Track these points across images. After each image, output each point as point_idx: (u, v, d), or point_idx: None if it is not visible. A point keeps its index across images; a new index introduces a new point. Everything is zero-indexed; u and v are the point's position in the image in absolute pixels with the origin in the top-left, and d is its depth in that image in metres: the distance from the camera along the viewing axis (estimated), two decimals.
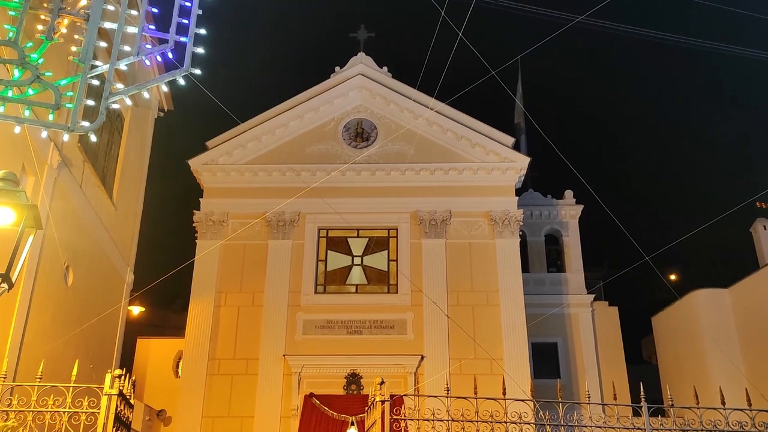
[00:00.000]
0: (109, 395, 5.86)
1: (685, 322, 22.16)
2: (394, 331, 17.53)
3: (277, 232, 18.44)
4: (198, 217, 18.59)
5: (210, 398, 16.78)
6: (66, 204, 12.22)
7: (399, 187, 18.89)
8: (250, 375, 17.02)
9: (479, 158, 19.11)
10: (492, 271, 18.03)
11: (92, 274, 13.78)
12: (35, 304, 10.87)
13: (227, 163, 19.12)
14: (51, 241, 11.30)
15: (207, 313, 17.59)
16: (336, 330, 17.57)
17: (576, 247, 23.07)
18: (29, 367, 9.58)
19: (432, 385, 15.42)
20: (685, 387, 7.52)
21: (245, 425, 16.53)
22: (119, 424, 6.11)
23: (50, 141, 11.32)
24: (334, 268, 18.63)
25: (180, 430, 16.60)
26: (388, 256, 18.62)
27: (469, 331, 16.89)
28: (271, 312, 17.61)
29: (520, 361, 16.63)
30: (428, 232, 18.41)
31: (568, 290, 22.35)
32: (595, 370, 21.06)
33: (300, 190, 17.19)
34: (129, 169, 16.09)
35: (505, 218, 18.39)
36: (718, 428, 6.51)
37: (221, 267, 18.15)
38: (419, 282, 17.69)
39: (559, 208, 23.58)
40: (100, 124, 4.55)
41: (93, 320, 12.74)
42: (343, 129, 19.70)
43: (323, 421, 16.11)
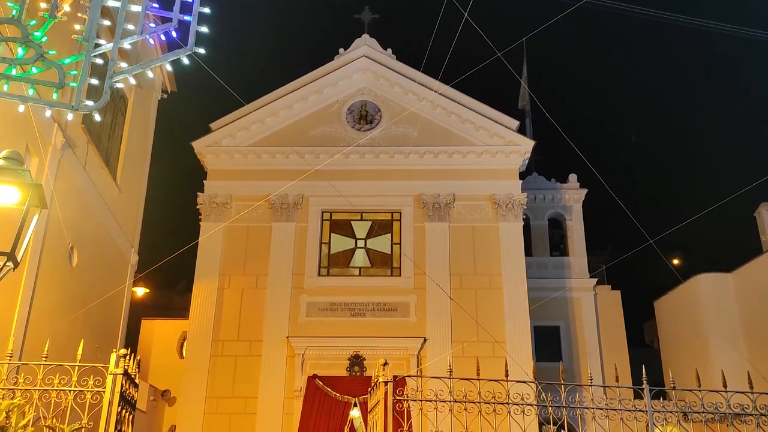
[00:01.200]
0: (114, 374, 5.90)
1: (688, 306, 22.18)
2: (397, 314, 17.59)
3: (281, 215, 18.46)
4: (202, 199, 18.61)
5: (214, 379, 16.91)
6: (70, 185, 12.23)
7: (402, 170, 18.86)
8: (253, 356, 17.13)
9: (483, 141, 19.05)
10: (495, 255, 18.05)
11: (97, 255, 13.83)
12: (40, 284, 10.92)
13: (231, 146, 19.11)
14: (56, 221, 11.33)
15: (211, 295, 17.67)
16: (339, 312, 17.64)
17: (579, 231, 23.06)
18: (35, 347, 9.65)
19: (434, 366, 15.49)
20: (686, 371, 7.55)
21: (249, 405, 16.67)
22: (124, 403, 6.16)
23: (54, 122, 11.31)
24: (337, 250, 18.66)
25: (184, 410, 16.75)
26: (392, 239, 18.63)
27: (472, 314, 16.94)
28: (274, 294, 17.68)
29: (522, 344, 16.70)
30: (431, 215, 18.41)
31: (571, 274, 22.37)
32: (597, 354, 21.14)
33: (303, 173, 17.19)
34: (132, 151, 16.08)
35: (508, 202, 18.36)
36: (720, 410, 6.53)
37: (225, 249, 18.20)
38: (422, 265, 17.72)
39: (562, 192, 23.53)
40: (105, 103, 4.54)
41: (98, 301, 12.80)
42: (347, 111, 19.64)
43: (326, 402, 16.23)
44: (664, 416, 6.67)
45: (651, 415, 6.56)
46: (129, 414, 6.39)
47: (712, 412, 6.56)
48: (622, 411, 6.57)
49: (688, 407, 6.60)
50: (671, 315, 23.34)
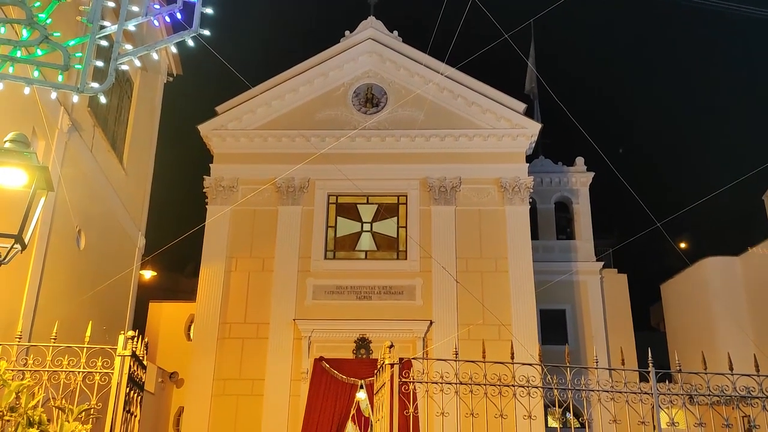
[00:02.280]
0: (123, 356, 5.94)
1: (695, 290, 22.16)
2: (403, 297, 17.64)
3: (287, 198, 18.47)
4: (208, 182, 18.64)
5: (221, 361, 17.04)
6: (77, 168, 12.26)
7: (409, 154, 18.81)
8: (260, 339, 17.24)
9: (490, 124, 18.96)
10: (501, 238, 18.03)
11: (104, 238, 13.89)
12: (48, 267, 10.99)
13: (237, 129, 19.09)
14: (63, 204, 11.38)
15: (218, 278, 17.76)
16: (345, 295, 17.70)
17: (586, 214, 23.00)
18: (43, 329, 9.73)
19: (440, 349, 15.54)
20: (692, 354, 7.54)
21: (256, 387, 16.80)
22: (133, 385, 6.21)
23: (60, 105, 11.31)
24: (343, 234, 18.68)
25: (192, 391, 16.90)
26: (398, 222, 18.63)
27: (478, 297, 16.97)
28: (281, 277, 17.75)
29: (528, 327, 16.73)
30: (438, 199, 18.38)
31: (578, 258, 22.34)
32: (603, 337, 21.17)
33: (309, 156, 17.16)
34: (139, 134, 16.09)
35: (515, 185, 18.31)
36: (726, 393, 6.54)
37: (232, 232, 18.26)
38: (428, 248, 17.73)
39: (569, 175, 23.44)
40: (110, 85, 4.53)
41: (105, 284, 12.88)
42: (353, 94, 19.56)
43: (333, 384, 16.34)
44: (669, 399, 6.68)
45: (656, 397, 6.57)
46: (137, 395, 6.45)
47: (718, 395, 6.57)
48: (627, 393, 6.58)
49: (694, 390, 6.61)
50: (678, 298, 23.32)
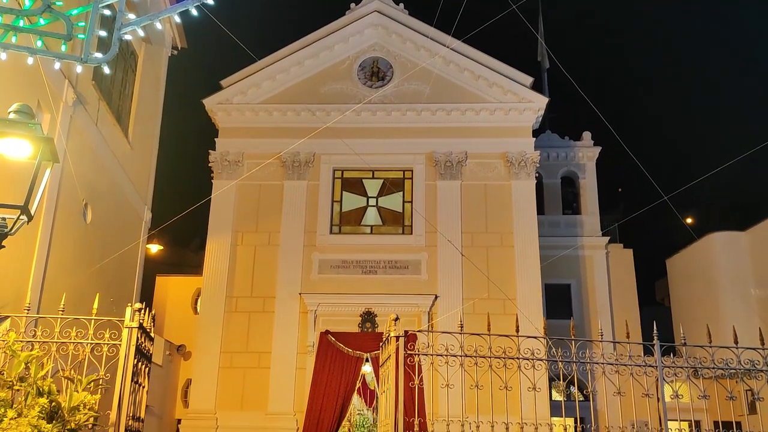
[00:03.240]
0: (130, 328, 5.98)
1: (700, 265, 22.14)
2: (409, 271, 17.69)
3: (293, 173, 18.45)
4: (213, 157, 18.62)
5: (228, 334, 17.18)
6: (82, 141, 12.24)
7: (414, 128, 18.72)
8: (267, 312, 17.35)
9: (496, 98, 18.82)
10: (507, 213, 18.00)
11: (110, 212, 13.92)
12: (56, 240, 11.05)
13: (242, 103, 19.01)
14: (69, 178, 11.39)
15: (224, 252, 17.83)
16: (351, 270, 17.75)
17: (592, 189, 22.92)
18: (51, 301, 9.80)
19: (445, 322, 15.63)
20: (697, 329, 7.56)
21: (262, 360, 16.97)
22: (140, 356, 6.26)
23: (64, 78, 11.27)
24: (349, 209, 18.69)
25: (199, 364, 17.07)
26: (403, 197, 18.61)
27: (483, 272, 16.98)
28: (287, 251, 17.81)
29: (533, 301, 16.77)
30: (443, 173, 18.32)
31: (583, 232, 22.31)
32: (608, 312, 21.21)
33: (315, 131, 17.08)
34: (144, 108, 16.03)
35: (521, 160, 18.22)
36: (730, 366, 6.56)
37: (237, 207, 18.29)
38: (434, 223, 17.72)
39: (576, 149, 23.31)
40: (113, 56, 4.48)
41: (112, 257, 12.94)
42: (359, 68, 19.41)
43: (338, 358, 16.48)
44: (674, 372, 6.69)
45: (661, 370, 6.60)
46: (145, 366, 6.51)
47: (723, 368, 6.58)
48: (632, 366, 6.60)
49: (699, 363, 6.62)
50: (683, 273, 23.31)
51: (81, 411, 5.15)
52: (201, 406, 16.67)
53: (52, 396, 5.01)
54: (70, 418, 5.04)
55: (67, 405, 5.10)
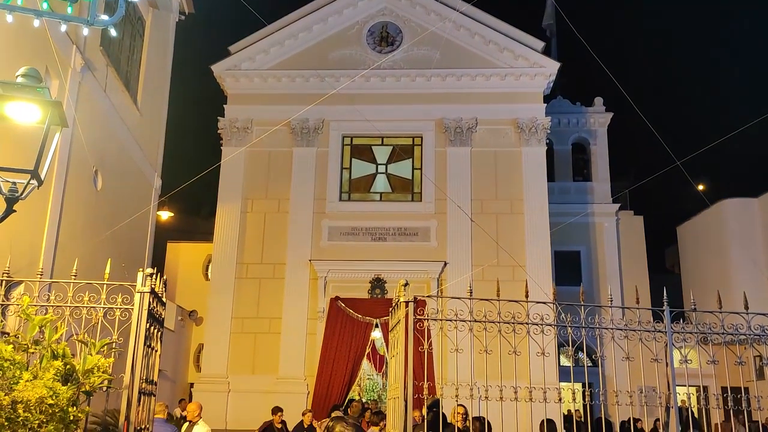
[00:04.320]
0: (142, 293, 6.03)
1: (712, 232, 22.04)
2: (418, 238, 17.71)
3: (302, 140, 18.39)
4: (222, 123, 18.58)
5: (239, 300, 17.34)
6: (91, 108, 12.23)
7: (424, 94, 18.55)
8: (277, 279, 17.48)
9: (507, 63, 18.59)
10: (517, 180, 17.92)
11: (120, 178, 13.97)
12: (67, 206, 11.12)
13: (250, 69, 18.88)
14: (79, 144, 11.40)
15: (234, 219, 17.90)
16: (360, 237, 17.80)
17: (603, 155, 22.75)
18: (64, 267, 9.90)
19: (454, 288, 15.68)
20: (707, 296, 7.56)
21: (273, 325, 17.15)
22: (153, 320, 6.31)
23: (72, 43, 11.21)
24: (358, 176, 18.66)
25: (211, 330, 17.28)
26: (413, 164, 18.54)
27: (493, 239, 16.97)
28: (296, 218, 17.86)
29: (542, 268, 16.78)
30: (453, 140, 18.21)
31: (594, 199, 22.21)
32: (618, 279, 21.23)
33: (323, 96, 16.95)
34: (152, 74, 15.95)
35: (532, 126, 18.06)
36: (740, 332, 6.55)
37: (247, 174, 18.29)
38: (443, 190, 17.67)
39: (587, 115, 23.07)
40: (120, 18, 4.44)
41: (123, 223, 13.02)
42: (368, 33, 19.17)
43: (348, 323, 16.63)
44: (683, 337, 6.70)
45: (670, 336, 6.60)
46: (157, 331, 6.57)
47: (733, 333, 6.58)
48: (641, 332, 6.61)
49: (708, 329, 6.62)
50: (694, 240, 23.22)
51: (95, 374, 5.21)
52: (213, 371, 16.93)
53: (66, 359, 5.08)
54: (84, 380, 5.12)
55: (81, 368, 5.17)
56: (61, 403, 4.60)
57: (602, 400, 6.56)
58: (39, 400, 4.44)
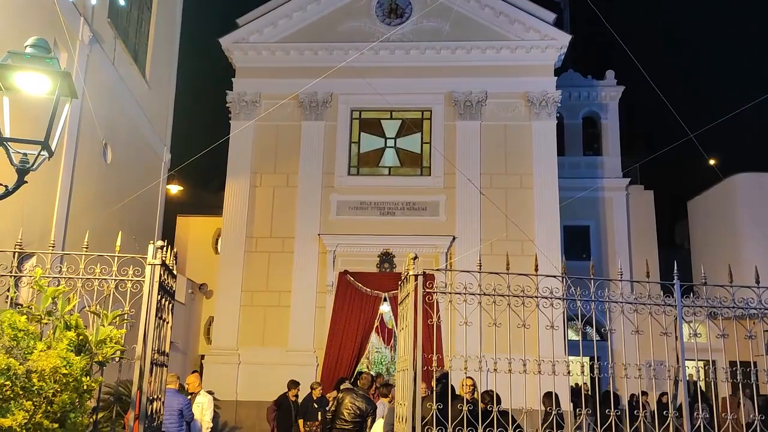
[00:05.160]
0: (153, 265, 6.06)
1: (723, 206, 21.91)
2: (427, 213, 17.69)
3: (310, 113, 18.31)
4: (231, 97, 18.50)
5: (248, 274, 17.44)
6: (100, 80, 12.20)
7: (434, 67, 18.37)
8: (286, 253, 17.54)
9: (518, 36, 18.36)
10: (527, 154, 17.81)
11: (130, 152, 13.99)
12: (77, 179, 11.16)
13: (258, 42, 18.74)
14: (88, 117, 11.41)
15: (243, 193, 17.92)
16: (369, 211, 17.79)
17: (614, 129, 22.57)
18: (75, 240, 9.97)
19: (463, 262, 15.67)
20: (717, 271, 7.53)
21: (283, 299, 17.26)
22: (163, 293, 6.35)
23: (80, 15, 11.15)
24: (367, 150, 18.59)
25: (221, 303, 17.42)
26: (422, 138, 18.45)
27: (502, 213, 16.93)
28: (305, 193, 17.85)
29: (551, 242, 16.73)
30: (463, 113, 18.08)
31: (604, 174, 22.09)
32: (627, 254, 21.18)
33: (332, 69, 16.82)
34: (160, 47, 15.87)
35: (542, 99, 17.89)
36: (750, 306, 6.54)
37: (256, 148, 18.26)
38: (453, 164, 17.58)
39: (599, 89, 22.84)
40: None
41: (133, 196, 13.07)
42: (377, 4, 18.94)
43: (357, 297, 16.71)
44: (693, 311, 6.69)
45: (680, 309, 6.59)
46: (168, 303, 6.62)
47: (743, 307, 6.56)
48: (651, 306, 6.60)
49: (719, 303, 6.61)
50: (705, 215, 23.10)
51: (108, 344, 5.27)
52: (223, 343, 17.10)
53: (79, 330, 5.13)
54: (97, 350, 5.17)
55: (94, 339, 5.22)
56: (75, 372, 4.65)
57: (611, 373, 6.58)
58: (53, 369, 4.49)
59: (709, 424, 6.26)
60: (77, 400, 4.69)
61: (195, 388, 9.53)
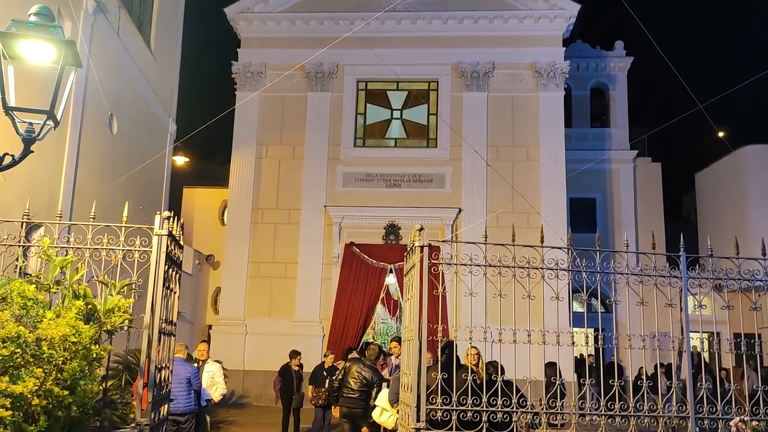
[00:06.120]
0: (160, 235, 6.06)
1: (731, 179, 21.79)
2: (433, 185, 17.66)
3: (316, 85, 18.20)
4: (236, 68, 18.39)
5: (255, 245, 17.52)
6: (104, 51, 12.12)
7: (440, 37, 18.18)
8: (292, 224, 17.59)
9: (526, 5, 18.11)
10: (534, 126, 17.70)
11: (136, 123, 13.96)
12: (84, 150, 11.16)
13: (263, 12, 18.55)
14: (93, 88, 11.36)
15: (249, 165, 17.91)
16: (375, 183, 17.77)
17: (623, 101, 22.35)
18: (82, 211, 10.01)
19: (469, 234, 15.70)
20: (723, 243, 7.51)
21: (289, 270, 17.35)
22: (171, 263, 6.37)
23: None
24: (373, 121, 18.51)
25: (228, 274, 17.53)
26: (428, 109, 18.33)
27: (508, 185, 16.89)
28: (311, 164, 17.83)
29: (557, 215, 16.72)
30: (470, 84, 17.93)
31: (612, 146, 21.93)
32: (633, 227, 21.11)
33: (338, 39, 16.64)
34: (165, 17, 15.73)
35: (550, 70, 17.71)
36: (757, 278, 6.53)
37: (261, 119, 18.21)
38: (459, 136, 17.49)
39: (607, 60, 22.57)
40: None
41: (140, 166, 13.07)
42: None
43: (363, 269, 16.78)
44: (698, 283, 6.68)
45: (685, 281, 6.58)
46: (176, 273, 6.65)
47: (749, 279, 6.56)
48: (656, 277, 6.60)
49: (725, 274, 6.60)
50: (712, 187, 22.99)
51: (116, 314, 5.31)
52: (231, 314, 17.26)
53: (87, 299, 5.17)
54: (106, 319, 5.22)
55: (102, 308, 5.27)
56: (84, 341, 4.70)
57: (615, 344, 6.61)
58: (62, 338, 4.54)
59: (713, 395, 6.31)
60: (87, 368, 4.75)
61: (204, 356, 9.67)
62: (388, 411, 7.91)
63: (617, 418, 6.14)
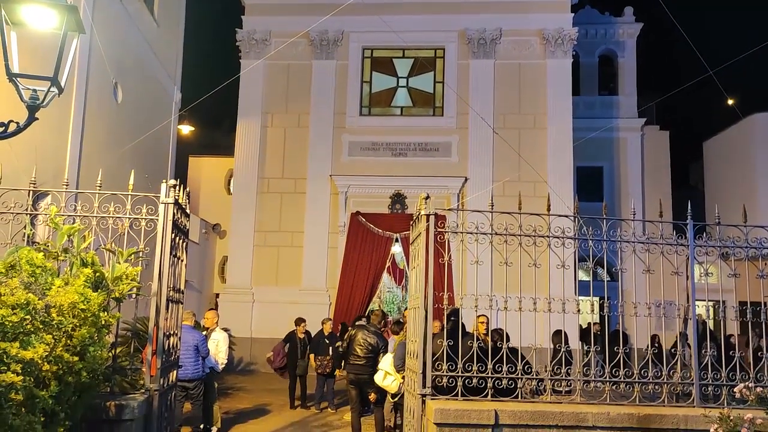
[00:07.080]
0: (166, 203, 6.07)
1: (739, 147, 21.61)
2: (439, 154, 17.58)
3: (321, 52, 18.02)
4: (240, 35, 18.22)
5: (261, 214, 17.56)
6: (108, 18, 12.01)
7: (447, 3, 17.93)
8: (298, 193, 17.59)
9: None
10: (541, 94, 17.53)
11: (141, 92, 13.89)
12: (89, 118, 11.13)
13: None
14: (97, 56, 11.28)
15: (254, 133, 17.85)
16: (381, 152, 17.71)
17: (631, 68, 22.06)
18: (88, 179, 10.02)
19: (474, 202, 15.67)
20: (731, 212, 7.46)
21: (295, 239, 17.41)
22: (177, 231, 6.39)
23: None
24: (379, 89, 18.36)
25: (235, 243, 17.60)
26: (434, 77, 18.15)
27: (515, 154, 16.79)
28: (317, 133, 17.75)
29: (564, 183, 16.64)
30: (477, 52, 17.72)
31: (620, 114, 21.71)
32: (640, 196, 21.00)
33: (343, 5, 16.39)
34: None
35: (558, 37, 17.47)
36: (764, 245, 6.50)
37: (266, 88, 18.08)
38: (466, 103, 17.35)
39: (616, 26, 22.23)
40: None
41: (145, 135, 13.05)
42: None
43: (369, 238, 16.82)
44: (705, 251, 6.66)
45: (692, 249, 6.56)
46: (182, 241, 6.68)
47: (756, 247, 6.53)
48: (663, 245, 6.57)
49: (732, 243, 6.57)
50: (720, 156, 22.83)
51: (124, 281, 5.35)
52: (238, 282, 17.38)
53: (95, 267, 5.20)
54: (114, 287, 5.26)
55: (110, 275, 5.30)
56: (93, 308, 4.74)
57: (620, 312, 6.62)
58: (71, 305, 4.58)
59: (717, 362, 6.33)
60: (96, 335, 4.80)
61: (211, 324, 9.73)
62: (391, 375, 8.01)
63: (621, 384, 6.18)
